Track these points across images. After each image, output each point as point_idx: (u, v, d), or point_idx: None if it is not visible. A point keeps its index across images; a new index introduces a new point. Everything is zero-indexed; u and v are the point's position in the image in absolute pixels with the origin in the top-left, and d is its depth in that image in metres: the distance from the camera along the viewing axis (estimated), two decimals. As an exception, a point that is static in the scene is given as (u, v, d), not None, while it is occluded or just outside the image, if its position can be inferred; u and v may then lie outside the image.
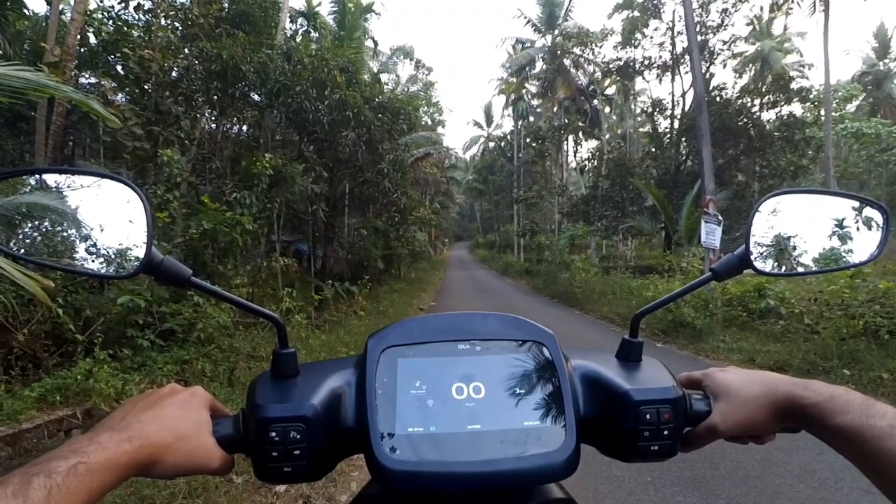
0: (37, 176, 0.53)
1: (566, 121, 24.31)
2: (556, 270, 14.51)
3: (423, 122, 23.84)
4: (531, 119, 31.02)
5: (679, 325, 6.76)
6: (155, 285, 5.46)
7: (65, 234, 0.51)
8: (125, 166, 7.88)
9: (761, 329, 6.38)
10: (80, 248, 0.50)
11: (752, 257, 0.54)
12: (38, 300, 3.48)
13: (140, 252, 0.48)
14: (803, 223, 0.57)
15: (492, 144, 40.13)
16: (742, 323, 6.81)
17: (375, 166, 11.08)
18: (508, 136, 35.66)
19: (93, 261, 0.50)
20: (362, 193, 12.92)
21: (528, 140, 30.22)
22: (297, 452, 0.45)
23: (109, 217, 0.49)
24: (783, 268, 0.59)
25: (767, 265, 0.57)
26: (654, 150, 18.55)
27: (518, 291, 15.25)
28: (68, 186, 0.50)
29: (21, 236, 0.52)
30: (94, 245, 0.50)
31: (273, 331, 4.90)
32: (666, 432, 0.49)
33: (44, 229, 0.53)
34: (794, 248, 0.58)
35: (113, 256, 0.50)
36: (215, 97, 8.55)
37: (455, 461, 0.44)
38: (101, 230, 0.50)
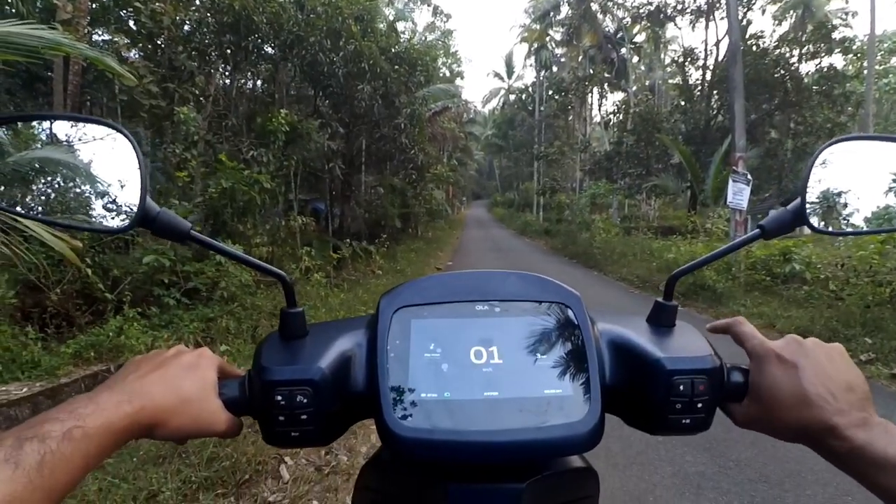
0: (35, 125, 0.50)
1: (591, 71, 23.16)
2: (576, 230, 14.27)
3: (441, 74, 23.03)
4: (554, 69, 29.65)
5: (700, 288, 6.65)
6: (178, 245, 5.60)
7: (58, 188, 0.49)
8: (142, 125, 7.87)
9: (784, 294, 6.24)
10: (76, 203, 0.48)
11: (808, 213, 0.49)
12: (67, 261, 3.59)
13: (134, 203, 0.45)
14: (867, 174, 0.52)
15: (512, 97, 38.74)
16: (765, 287, 6.66)
17: (392, 121, 10.82)
18: (530, 89, 34.27)
19: (89, 215, 0.48)
20: (379, 150, 12.73)
21: (550, 92, 29.07)
22: (304, 417, 0.44)
23: (104, 168, 0.47)
24: (842, 225, 0.54)
25: (826, 222, 0.53)
26: (683, 103, 17.64)
27: (536, 251, 15.15)
28: (60, 137, 0.48)
29: (15, 193, 0.50)
30: (89, 199, 0.48)
31: (297, 286, 5.05)
32: (700, 405, 0.45)
33: (38, 185, 0.50)
34: (857, 202, 0.53)
35: (109, 210, 0.47)
36: (228, 51, 8.35)
37: (470, 430, 0.42)
38: (96, 182, 0.47)
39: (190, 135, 6.56)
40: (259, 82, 10.25)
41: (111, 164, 0.46)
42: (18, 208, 0.50)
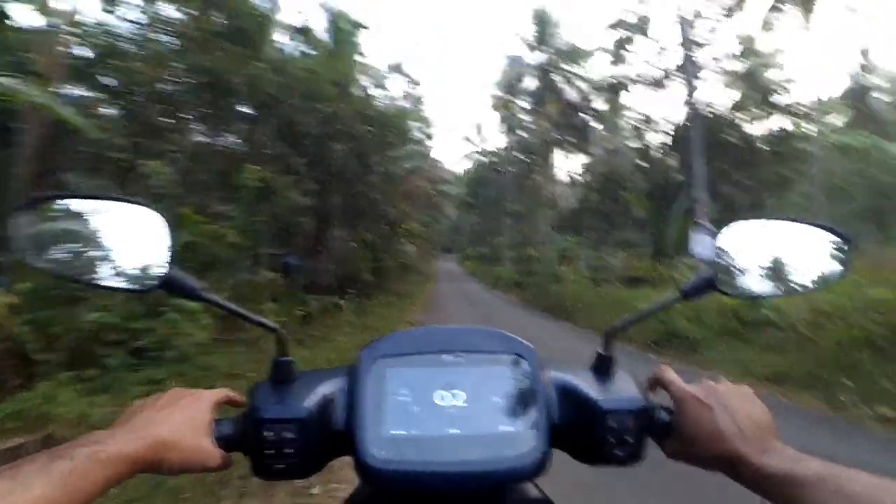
0: (67, 200, 0.57)
1: (556, 136, 24.59)
2: (547, 283, 14.47)
3: (415, 138, 24.03)
4: (523, 134, 31.34)
5: (673, 337, 6.71)
6: (130, 300, 5.27)
7: (93, 253, 0.56)
8: (107, 177, 7.73)
9: (757, 341, 6.35)
10: (106, 266, 0.55)
11: (718, 280, 0.58)
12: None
13: (159, 268, 0.52)
14: (767, 248, 0.61)
15: (484, 159, 40.42)
16: (737, 334, 6.79)
17: (365, 178, 11.03)
18: (501, 151, 35.97)
19: (116, 277, 0.55)
20: (352, 206, 12.81)
21: (518, 154, 30.53)
22: (289, 451, 0.49)
23: (132, 238, 0.54)
24: (749, 290, 0.61)
25: (734, 287, 0.60)
26: (643, 164, 18.78)
27: (508, 304, 15.19)
28: (94, 210, 0.56)
29: (56, 256, 0.56)
30: (119, 264, 0.55)
31: (257, 346, 4.68)
32: (630, 439, 0.53)
33: (76, 250, 0.57)
34: (759, 271, 0.61)
35: (134, 273, 0.55)
36: (204, 110, 8.46)
37: (434, 461, 0.48)
38: (126, 250, 0.55)
39: (155, 188, 6.45)
40: (234, 139, 10.37)
41: (141, 236, 0.54)
42: (53, 268, 0.56)
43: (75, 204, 0.56)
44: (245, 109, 9.07)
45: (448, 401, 0.51)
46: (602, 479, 2.58)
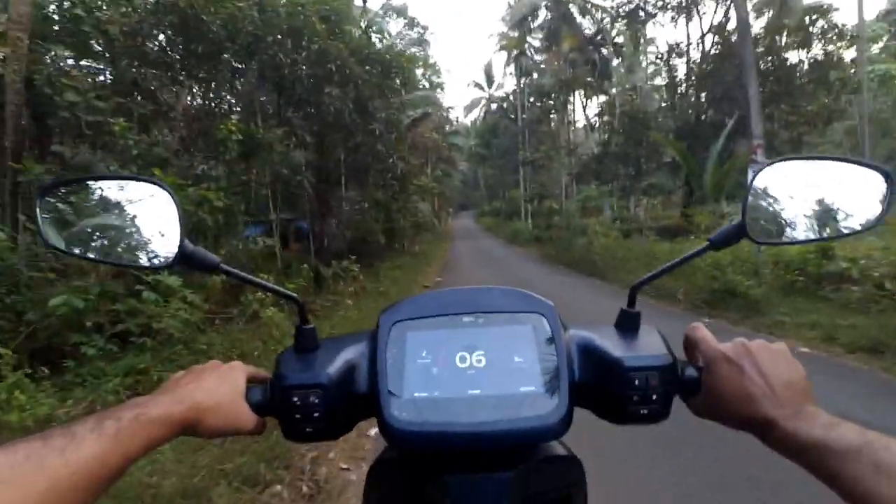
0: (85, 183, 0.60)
1: (572, 74, 22.71)
2: (570, 237, 13.50)
3: (421, 86, 22.48)
4: (535, 76, 29.24)
5: (729, 295, 5.80)
6: (106, 279, 4.63)
7: (111, 232, 0.56)
8: (88, 142, 6.93)
9: (833, 298, 5.39)
10: (123, 244, 0.56)
11: (748, 227, 0.54)
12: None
13: (174, 244, 0.52)
14: (804, 190, 0.56)
15: (494, 106, 38.39)
16: (805, 291, 5.81)
17: (367, 127, 9.93)
18: (511, 97, 33.93)
19: (134, 254, 0.56)
20: (356, 161, 11.82)
21: (531, 99, 28.65)
22: (316, 415, 0.51)
23: (146, 215, 0.55)
24: (782, 236, 0.58)
25: (765, 234, 0.58)
26: (670, 101, 17.15)
27: (529, 261, 14.34)
28: (107, 189, 0.58)
29: (76, 237, 0.57)
30: (134, 241, 0.56)
31: (259, 320, 4.47)
32: (654, 397, 0.51)
33: (94, 231, 0.57)
34: (794, 215, 0.57)
35: (151, 249, 0.55)
36: (177, 57, 7.45)
37: (455, 422, 0.48)
38: (139, 227, 0.56)
39: (128, 149, 5.62)
40: (217, 93, 9.34)
41: (153, 212, 0.55)
42: (77, 251, 0.57)
43: (90, 185, 0.58)
44: (227, 56, 8.00)
45: (468, 362, 0.51)
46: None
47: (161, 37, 7.57)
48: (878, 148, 16.43)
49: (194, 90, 8.49)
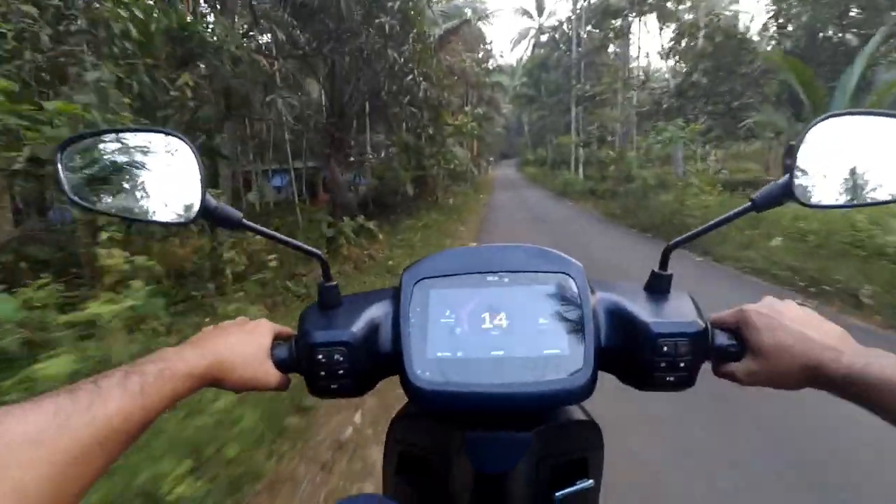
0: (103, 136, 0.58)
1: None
2: (641, 192, 10.67)
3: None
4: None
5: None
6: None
7: (131, 186, 0.55)
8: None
9: None
10: (146, 201, 0.54)
11: (795, 187, 0.51)
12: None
13: (195, 199, 0.51)
14: (859, 148, 0.52)
15: (544, 38, 33.88)
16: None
17: (372, 22, 7.15)
18: (565, 25, 29.51)
19: (156, 209, 0.54)
20: (376, 89, 9.29)
21: (589, 27, 24.51)
22: (340, 372, 0.51)
23: (166, 169, 0.53)
24: (832, 199, 0.53)
25: (814, 195, 0.53)
26: (776, 14, 13.26)
27: (589, 221, 11.66)
28: (126, 142, 0.56)
29: (97, 191, 0.55)
30: (156, 196, 0.54)
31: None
32: (682, 364, 0.50)
33: (114, 184, 0.55)
34: (847, 176, 0.52)
35: (173, 204, 0.53)
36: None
37: (478, 383, 0.48)
38: (160, 181, 0.54)
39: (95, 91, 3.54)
40: None
41: (174, 166, 0.53)
42: (99, 206, 0.55)
43: (109, 139, 0.57)
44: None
45: (492, 322, 0.51)
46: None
47: None
48: None
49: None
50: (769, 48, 13.04)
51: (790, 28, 12.70)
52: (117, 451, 0.37)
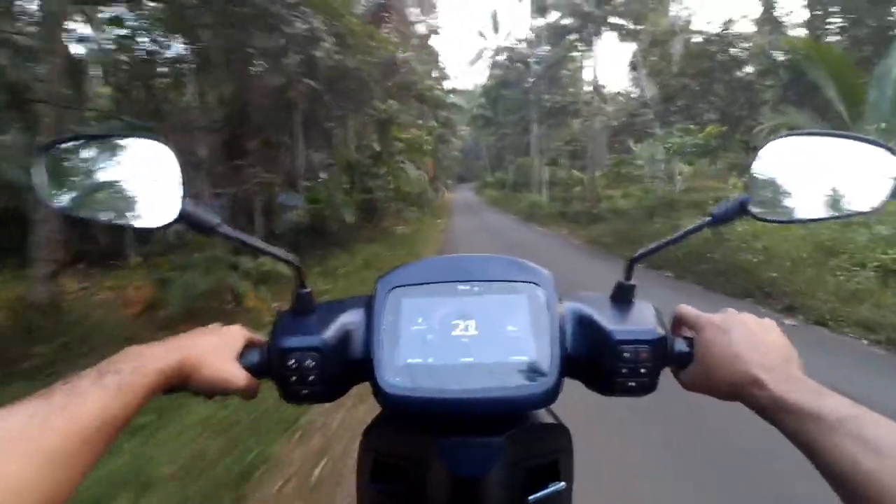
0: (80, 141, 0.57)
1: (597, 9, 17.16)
2: (651, 209, 8.42)
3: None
4: (551, 16, 23.58)
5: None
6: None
7: (111, 191, 0.55)
8: None
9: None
10: (125, 205, 0.54)
11: (751, 202, 0.53)
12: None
13: (175, 203, 0.51)
14: (811, 166, 0.54)
15: (501, 58, 32.59)
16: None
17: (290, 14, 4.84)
18: (525, 43, 28.25)
19: (135, 213, 0.54)
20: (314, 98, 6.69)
21: (548, 48, 23.20)
22: (311, 378, 0.51)
23: (146, 174, 0.54)
24: (786, 214, 0.56)
25: (769, 211, 0.55)
26: None
27: (575, 253, 9.33)
28: (107, 147, 0.57)
29: (75, 196, 0.55)
30: (136, 200, 0.54)
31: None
32: (643, 370, 0.52)
33: (94, 190, 0.56)
34: (800, 192, 0.55)
35: (152, 208, 0.53)
36: None
37: (447, 388, 0.48)
38: (141, 186, 0.54)
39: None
40: None
41: (155, 171, 0.53)
42: (77, 211, 0.55)
43: (90, 143, 0.57)
44: None
45: (462, 330, 0.51)
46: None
47: None
48: None
49: None
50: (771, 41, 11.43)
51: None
52: (99, 449, 0.38)
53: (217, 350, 0.51)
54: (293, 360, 0.51)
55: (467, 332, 0.51)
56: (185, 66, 8.07)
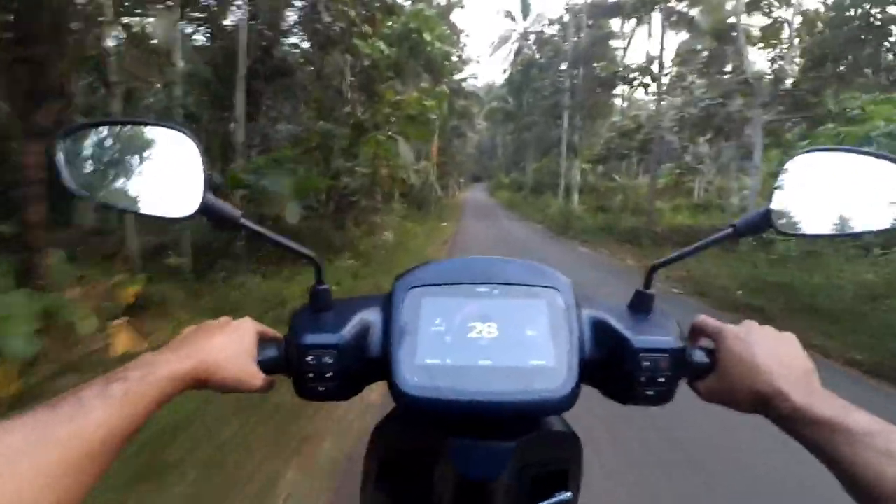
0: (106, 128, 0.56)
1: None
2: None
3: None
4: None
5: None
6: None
7: (132, 180, 0.54)
8: None
9: None
10: (146, 194, 0.54)
11: (774, 217, 0.53)
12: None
13: (196, 195, 0.51)
14: (835, 182, 0.54)
15: (529, 41, 28.41)
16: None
17: None
18: (554, 27, 24.16)
19: (156, 203, 0.54)
20: None
21: (589, 24, 19.18)
22: (329, 375, 0.51)
23: (168, 163, 0.53)
24: (808, 229, 0.56)
25: (791, 225, 0.55)
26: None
27: (685, 307, 5.24)
28: (130, 134, 0.55)
29: (97, 183, 0.55)
30: (157, 190, 0.53)
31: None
32: (662, 380, 0.51)
33: (114, 177, 0.55)
34: (822, 207, 0.55)
35: (173, 199, 0.53)
36: None
37: (465, 390, 0.48)
38: (162, 176, 0.53)
39: None
40: None
41: (176, 161, 0.53)
42: (98, 197, 0.55)
43: (112, 130, 0.56)
44: None
45: (481, 332, 0.51)
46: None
47: None
48: None
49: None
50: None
51: None
52: (106, 461, 0.37)
53: (233, 350, 0.50)
54: (311, 357, 0.51)
55: (486, 334, 0.51)
56: None
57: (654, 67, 12.31)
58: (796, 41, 9.71)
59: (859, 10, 7.42)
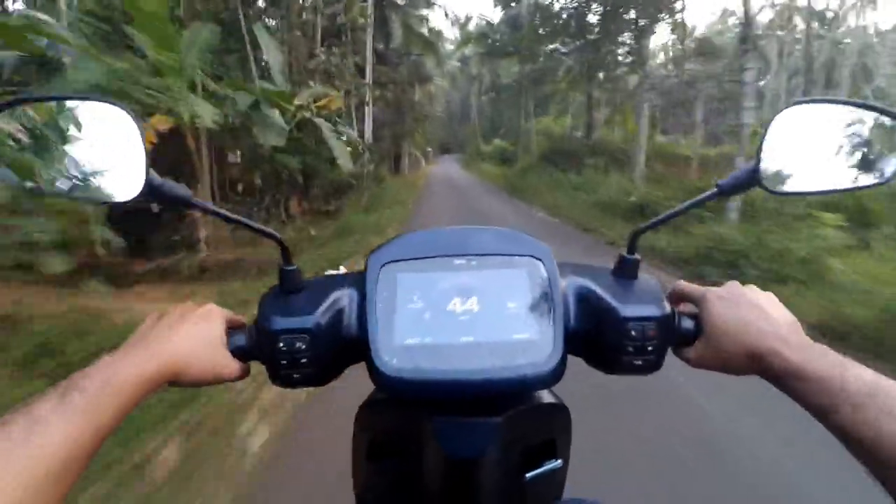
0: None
1: None
2: None
3: None
4: None
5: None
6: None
7: (66, 163, 0.50)
8: None
9: None
10: (81, 177, 0.50)
11: (762, 174, 0.51)
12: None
13: (139, 175, 0.47)
14: (824, 136, 0.52)
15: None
16: None
17: None
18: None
19: (96, 187, 0.50)
20: None
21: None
22: (303, 361, 0.49)
23: (104, 142, 0.49)
24: (797, 186, 0.53)
25: (779, 182, 0.52)
26: None
27: None
28: (62, 112, 0.50)
29: (31, 169, 0.51)
30: (95, 172, 0.49)
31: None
32: (650, 348, 0.50)
33: (49, 161, 0.50)
34: (812, 163, 0.52)
35: (114, 181, 0.49)
36: None
37: (448, 369, 0.46)
38: (98, 156, 0.49)
39: None
40: None
41: (112, 139, 0.48)
42: (30, 183, 0.51)
43: (38, 107, 0.52)
44: None
45: (461, 307, 0.49)
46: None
47: None
48: None
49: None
50: None
51: None
52: (71, 478, 0.34)
53: (201, 340, 0.47)
54: (282, 343, 0.48)
55: (467, 309, 0.49)
56: None
57: None
58: None
59: None
